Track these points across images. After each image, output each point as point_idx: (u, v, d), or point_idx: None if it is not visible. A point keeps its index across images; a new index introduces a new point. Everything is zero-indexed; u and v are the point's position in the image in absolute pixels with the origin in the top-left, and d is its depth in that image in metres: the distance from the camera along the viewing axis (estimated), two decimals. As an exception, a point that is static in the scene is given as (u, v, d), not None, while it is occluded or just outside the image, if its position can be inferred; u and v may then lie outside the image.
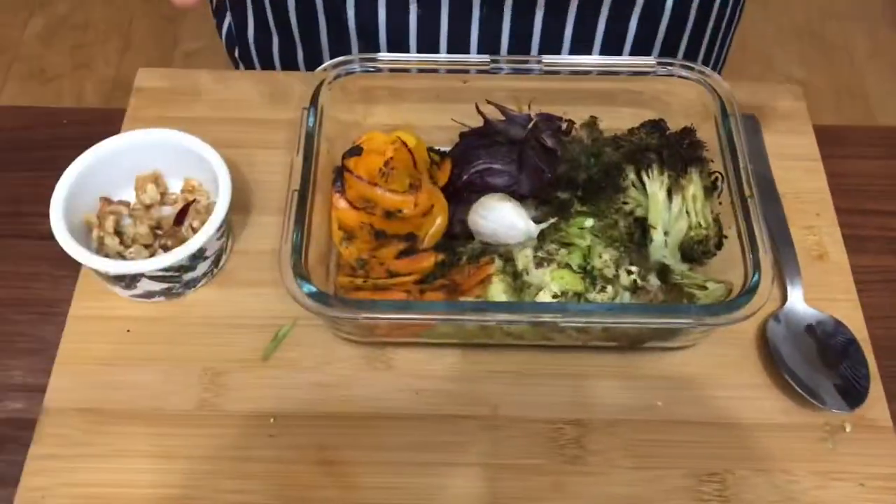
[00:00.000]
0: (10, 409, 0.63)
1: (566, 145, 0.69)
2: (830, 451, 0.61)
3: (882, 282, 0.70)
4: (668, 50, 0.85)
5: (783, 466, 0.61)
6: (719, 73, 0.95)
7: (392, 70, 0.71)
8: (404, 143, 0.68)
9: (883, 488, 0.60)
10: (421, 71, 0.71)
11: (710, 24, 0.87)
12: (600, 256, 0.63)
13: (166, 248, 0.66)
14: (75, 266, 0.68)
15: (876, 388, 0.64)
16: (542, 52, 0.82)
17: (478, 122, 0.70)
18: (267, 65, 0.92)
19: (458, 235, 0.67)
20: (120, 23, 2.14)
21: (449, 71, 0.72)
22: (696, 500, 0.59)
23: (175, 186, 0.71)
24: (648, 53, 0.84)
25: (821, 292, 0.68)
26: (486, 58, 0.70)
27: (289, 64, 0.90)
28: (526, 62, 0.70)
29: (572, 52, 0.83)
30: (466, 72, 0.72)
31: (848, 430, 0.62)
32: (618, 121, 0.72)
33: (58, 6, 2.17)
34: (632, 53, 0.83)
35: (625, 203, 0.66)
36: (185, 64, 2.04)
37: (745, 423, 0.62)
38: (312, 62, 0.88)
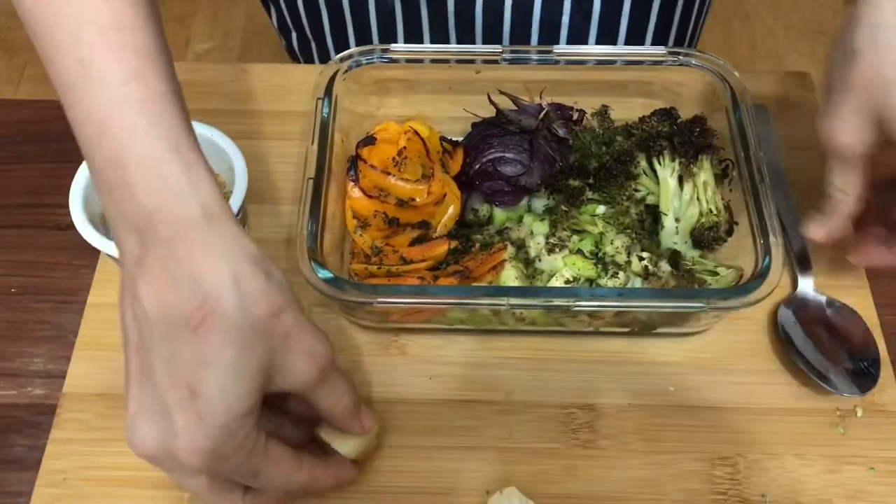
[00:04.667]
0: (32, 395, 0.64)
1: (577, 134, 0.69)
2: (841, 435, 0.62)
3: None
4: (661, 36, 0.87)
5: (794, 450, 0.61)
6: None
7: (406, 60, 0.71)
8: (417, 133, 0.69)
9: (893, 472, 0.60)
10: (433, 61, 0.72)
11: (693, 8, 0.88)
12: (612, 243, 0.64)
13: (183, 237, 0.66)
14: (93, 255, 0.69)
15: (886, 374, 0.64)
16: (569, 43, 0.83)
17: (490, 113, 0.71)
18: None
19: (470, 223, 0.68)
20: (132, 24, 2.15)
21: (460, 61, 0.73)
22: (708, 483, 0.59)
23: (191, 177, 0.72)
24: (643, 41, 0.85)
25: (831, 279, 0.68)
26: (497, 48, 0.70)
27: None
28: (538, 52, 0.71)
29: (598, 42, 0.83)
30: (476, 62, 0.72)
31: (859, 414, 0.63)
32: (629, 111, 0.72)
33: (71, 8, 2.19)
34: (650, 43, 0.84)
35: (636, 190, 0.67)
36: (196, 65, 2.05)
37: (757, 407, 0.63)
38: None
